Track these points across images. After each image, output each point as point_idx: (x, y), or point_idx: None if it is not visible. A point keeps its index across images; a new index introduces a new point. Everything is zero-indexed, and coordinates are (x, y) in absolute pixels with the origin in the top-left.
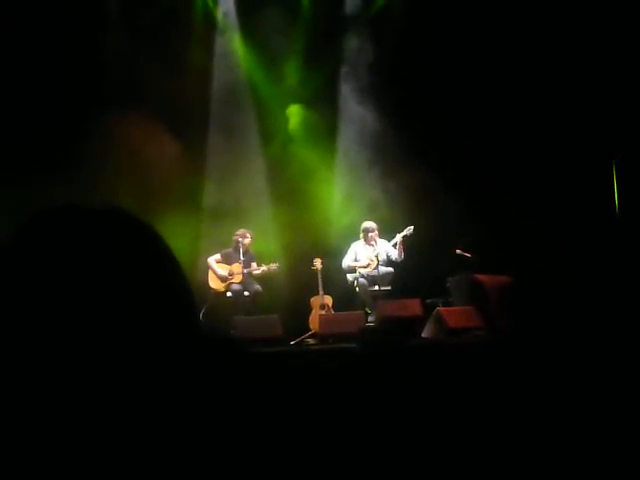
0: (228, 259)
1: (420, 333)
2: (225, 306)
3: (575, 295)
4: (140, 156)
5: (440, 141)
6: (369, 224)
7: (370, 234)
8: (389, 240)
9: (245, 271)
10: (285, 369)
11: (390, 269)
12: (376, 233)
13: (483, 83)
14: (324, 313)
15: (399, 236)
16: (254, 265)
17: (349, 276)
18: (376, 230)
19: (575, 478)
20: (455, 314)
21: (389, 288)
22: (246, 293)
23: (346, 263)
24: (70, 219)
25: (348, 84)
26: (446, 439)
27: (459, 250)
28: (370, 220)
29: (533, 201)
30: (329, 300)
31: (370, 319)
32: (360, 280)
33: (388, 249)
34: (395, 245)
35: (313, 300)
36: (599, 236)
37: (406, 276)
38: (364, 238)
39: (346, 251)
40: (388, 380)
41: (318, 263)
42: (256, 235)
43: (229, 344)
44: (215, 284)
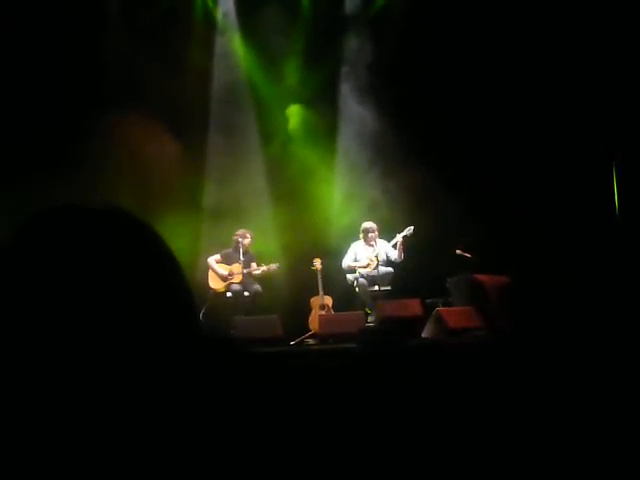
0: (228, 259)
1: (420, 333)
2: (225, 306)
3: (575, 295)
4: (140, 156)
5: (440, 141)
6: (369, 224)
7: (370, 234)
8: (389, 240)
9: (245, 271)
10: (285, 369)
11: (390, 269)
12: (376, 234)
13: (483, 83)
14: (324, 313)
15: (399, 236)
16: (254, 265)
17: (349, 276)
18: (376, 231)
19: (575, 478)
20: (455, 314)
21: (389, 288)
22: (246, 293)
23: (346, 263)
24: (70, 219)
25: (348, 84)
26: (446, 439)
27: (459, 250)
28: (370, 220)
29: (533, 201)
30: (329, 300)
31: (370, 319)
32: (360, 280)
33: (388, 249)
34: (395, 245)
35: (313, 300)
36: (599, 236)
37: (406, 276)
38: (364, 238)
39: (346, 251)
40: (388, 380)
41: (318, 263)
42: (256, 235)
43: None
44: (215, 284)
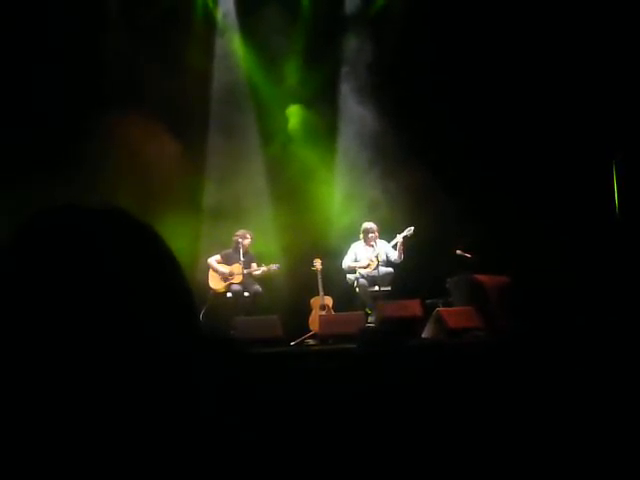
0: (228, 260)
1: (420, 333)
2: (225, 306)
3: (575, 295)
4: (140, 156)
5: (440, 141)
6: (369, 225)
7: (370, 235)
8: (389, 241)
9: (245, 272)
10: (285, 370)
11: (390, 269)
12: (376, 234)
13: (483, 83)
14: (324, 314)
15: (399, 237)
16: (254, 266)
17: (349, 276)
18: (376, 231)
19: (575, 478)
20: (455, 314)
21: (389, 288)
22: (246, 294)
23: (346, 263)
24: (70, 219)
25: (348, 84)
26: (446, 439)
27: (459, 250)
28: (370, 220)
29: (533, 201)
30: (329, 301)
31: (370, 319)
32: (360, 280)
33: (388, 250)
34: (395, 246)
35: (313, 301)
36: (599, 236)
37: (406, 276)
38: (364, 239)
39: (346, 251)
40: (388, 380)
41: (318, 264)
42: (256, 236)
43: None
44: (215, 284)
